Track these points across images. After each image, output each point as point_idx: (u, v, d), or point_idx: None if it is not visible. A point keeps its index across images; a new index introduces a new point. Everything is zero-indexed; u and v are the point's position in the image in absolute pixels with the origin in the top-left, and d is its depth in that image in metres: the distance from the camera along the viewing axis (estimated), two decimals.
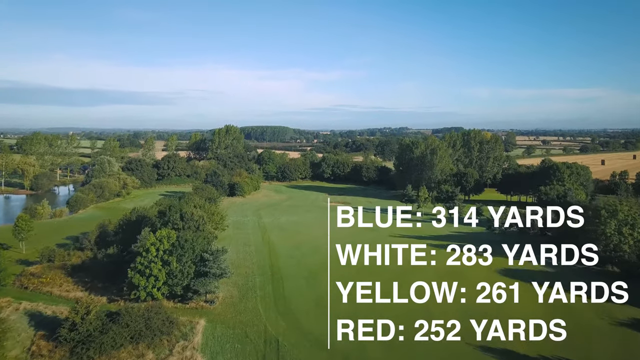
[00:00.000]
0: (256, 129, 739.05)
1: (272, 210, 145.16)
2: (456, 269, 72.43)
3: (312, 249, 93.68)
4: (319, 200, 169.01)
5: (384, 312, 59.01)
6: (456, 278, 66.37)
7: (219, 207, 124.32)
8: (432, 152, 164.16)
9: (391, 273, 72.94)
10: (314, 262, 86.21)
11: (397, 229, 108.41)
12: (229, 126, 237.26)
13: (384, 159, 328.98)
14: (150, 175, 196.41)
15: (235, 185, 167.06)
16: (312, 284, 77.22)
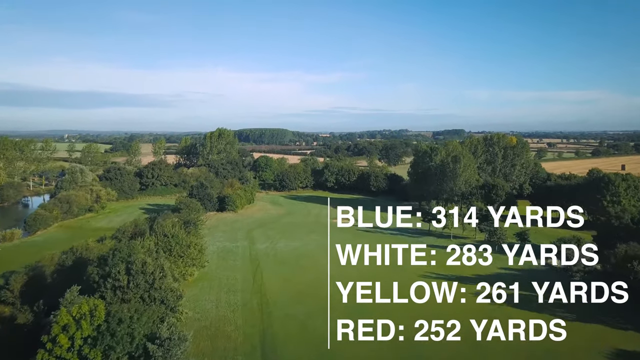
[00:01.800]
0: (254, 132, 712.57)
1: (268, 231, 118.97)
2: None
3: (320, 302, 67.27)
4: (322, 216, 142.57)
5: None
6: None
7: (200, 231, 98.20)
8: (455, 159, 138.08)
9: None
10: (325, 328, 60.03)
11: (428, 267, 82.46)
12: (222, 129, 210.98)
13: (388, 164, 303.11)
14: (131, 185, 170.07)
15: (225, 198, 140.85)
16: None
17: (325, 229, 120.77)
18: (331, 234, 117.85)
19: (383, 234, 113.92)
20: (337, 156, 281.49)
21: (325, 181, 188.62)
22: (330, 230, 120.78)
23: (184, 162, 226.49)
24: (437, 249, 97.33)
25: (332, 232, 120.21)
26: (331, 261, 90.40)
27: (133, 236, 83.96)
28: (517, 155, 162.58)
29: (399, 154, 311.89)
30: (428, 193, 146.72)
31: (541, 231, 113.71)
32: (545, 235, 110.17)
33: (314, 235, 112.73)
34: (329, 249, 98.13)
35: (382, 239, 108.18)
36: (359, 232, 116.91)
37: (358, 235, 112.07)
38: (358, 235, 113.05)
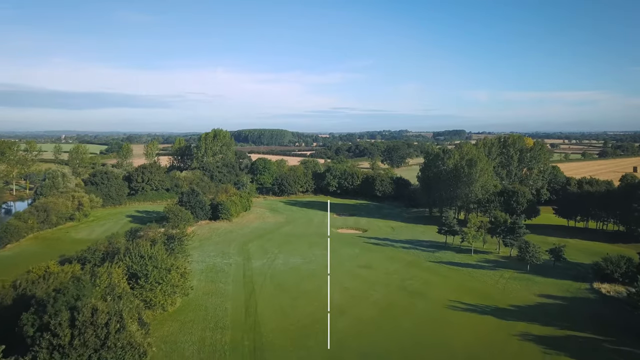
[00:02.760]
0: (253, 132, 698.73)
1: (265, 243, 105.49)
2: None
3: (327, 344, 53.45)
4: (325, 225, 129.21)
5: None
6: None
7: (187, 246, 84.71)
8: (470, 163, 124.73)
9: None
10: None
11: (453, 293, 68.95)
12: (218, 130, 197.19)
13: (391, 166, 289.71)
14: (119, 190, 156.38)
15: (219, 206, 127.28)
16: None
17: (331, 240, 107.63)
18: (336, 247, 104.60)
19: (395, 248, 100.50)
20: (339, 158, 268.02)
21: (327, 185, 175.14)
22: (334, 241, 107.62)
23: (177, 164, 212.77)
24: (458, 269, 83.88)
25: (337, 244, 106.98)
26: (337, 285, 77.04)
27: (105, 257, 70.56)
28: (534, 159, 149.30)
29: (402, 156, 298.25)
30: (440, 199, 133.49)
31: (573, 245, 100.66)
32: (580, 251, 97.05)
33: (316, 249, 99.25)
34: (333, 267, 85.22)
35: (394, 254, 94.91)
36: (368, 244, 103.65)
37: (366, 250, 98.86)
38: (366, 249, 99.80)
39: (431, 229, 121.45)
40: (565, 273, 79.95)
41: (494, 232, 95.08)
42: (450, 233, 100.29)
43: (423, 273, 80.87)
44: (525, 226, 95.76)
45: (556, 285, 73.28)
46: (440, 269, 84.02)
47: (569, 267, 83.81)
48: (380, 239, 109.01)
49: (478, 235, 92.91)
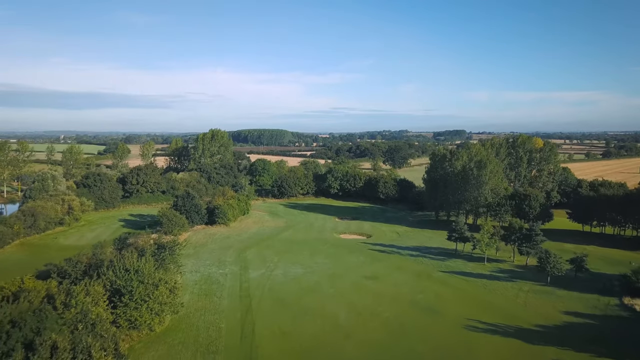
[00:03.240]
0: (253, 132, 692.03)
1: (263, 250, 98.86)
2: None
3: None
4: (327, 229, 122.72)
5: None
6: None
7: (179, 256, 78.09)
8: (479, 165, 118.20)
9: None
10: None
11: (469, 310, 62.29)
12: (216, 130, 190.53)
13: (393, 166, 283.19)
14: (112, 192, 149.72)
15: (215, 210, 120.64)
16: None
17: (332, 248, 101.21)
18: (339, 255, 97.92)
19: (401, 255, 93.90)
20: (339, 158, 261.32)
21: (328, 187, 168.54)
22: (337, 247, 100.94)
23: (174, 165, 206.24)
24: (472, 280, 77.29)
25: (340, 251, 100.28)
26: (342, 300, 70.21)
27: (88, 269, 64.01)
28: (544, 160, 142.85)
29: (404, 156, 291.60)
30: (447, 203, 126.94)
31: (591, 252, 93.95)
32: (601, 259, 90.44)
33: (319, 257, 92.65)
34: (337, 278, 78.56)
35: (402, 263, 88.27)
36: (373, 252, 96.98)
37: (372, 257, 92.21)
38: (372, 256, 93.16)
39: (439, 234, 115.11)
40: (589, 286, 73.33)
41: (508, 240, 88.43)
42: (461, 240, 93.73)
43: (434, 285, 74.29)
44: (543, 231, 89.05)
45: (582, 300, 66.72)
46: (453, 280, 77.40)
47: (592, 278, 77.19)
48: (385, 246, 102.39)
49: (492, 242, 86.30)
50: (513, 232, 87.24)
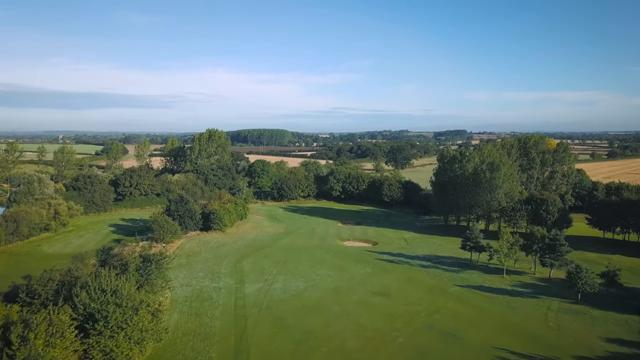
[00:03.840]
0: (253, 132, 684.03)
1: (262, 260, 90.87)
2: None
3: None
4: (330, 235, 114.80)
5: None
6: None
7: (167, 271, 70.10)
8: (492, 167, 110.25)
9: None
10: None
11: (495, 336, 54.26)
12: (213, 130, 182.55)
13: (396, 167, 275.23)
14: (104, 195, 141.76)
15: (211, 215, 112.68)
16: None
17: (336, 257, 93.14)
18: (344, 265, 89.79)
19: (411, 266, 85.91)
20: (340, 159, 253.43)
21: (330, 190, 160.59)
22: (341, 256, 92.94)
23: (171, 166, 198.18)
24: (493, 297, 69.33)
25: (345, 261, 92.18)
26: (349, 321, 62.04)
27: (60, 289, 56.04)
28: (558, 161, 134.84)
29: (406, 157, 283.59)
30: (457, 207, 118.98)
31: (617, 263, 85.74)
32: (630, 271, 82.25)
33: (321, 268, 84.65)
34: (343, 293, 70.61)
35: (413, 275, 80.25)
36: (380, 262, 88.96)
37: (379, 268, 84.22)
38: (379, 267, 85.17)
39: (449, 241, 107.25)
40: (625, 304, 65.37)
41: (529, 250, 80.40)
42: (476, 249, 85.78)
43: (451, 303, 66.32)
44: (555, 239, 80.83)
45: (621, 323, 58.73)
46: (471, 296, 69.42)
47: (626, 294, 69.32)
48: (393, 255, 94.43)
49: (511, 253, 78.33)
50: (535, 242, 79.22)
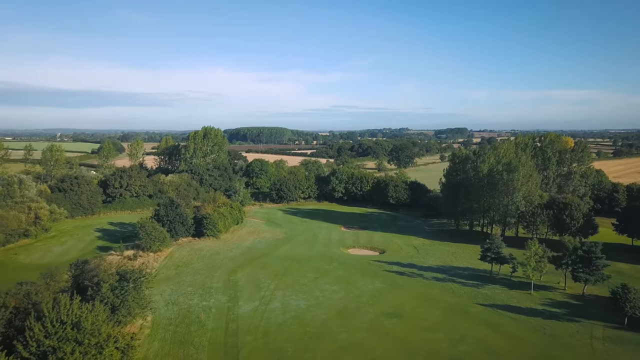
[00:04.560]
0: (252, 130, 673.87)
1: (258, 272, 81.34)
2: None
3: None
4: (333, 242, 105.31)
5: None
6: None
7: (149, 289, 60.66)
8: (509, 168, 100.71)
9: None
10: None
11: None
12: (209, 128, 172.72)
13: (398, 166, 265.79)
14: (92, 197, 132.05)
15: (203, 220, 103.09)
16: None
17: (340, 268, 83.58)
18: (350, 278, 79.77)
19: (425, 279, 76.37)
20: (341, 158, 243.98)
21: (332, 191, 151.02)
22: (346, 267, 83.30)
23: (165, 166, 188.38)
24: (524, 320, 59.74)
25: (351, 274, 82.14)
26: (360, 353, 52.39)
27: (14, 317, 46.49)
28: (576, 161, 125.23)
29: (409, 155, 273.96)
30: (470, 211, 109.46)
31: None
32: None
33: (325, 282, 75.13)
34: (350, 315, 61.19)
35: (428, 291, 70.62)
36: (390, 274, 79.39)
37: (389, 282, 74.68)
38: (389, 281, 75.62)
39: (463, 249, 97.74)
40: None
41: (559, 263, 70.84)
42: (498, 261, 76.23)
43: (477, 328, 56.76)
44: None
45: None
46: (498, 319, 59.87)
47: None
48: (404, 265, 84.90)
49: (541, 267, 68.72)
50: (566, 254, 69.62)
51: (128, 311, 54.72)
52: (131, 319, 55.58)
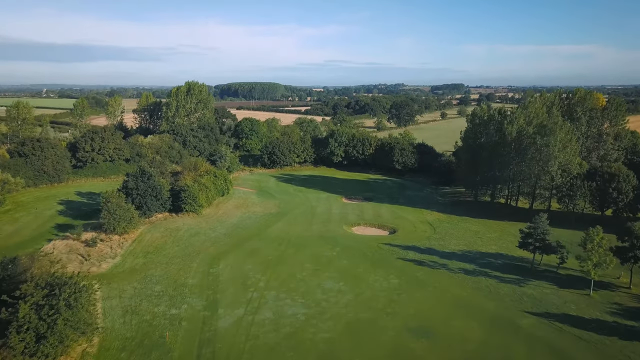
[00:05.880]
0: (244, 86, 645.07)
1: (245, 260, 65.41)
2: None
3: None
4: (334, 218, 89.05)
5: None
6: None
7: (83, 314, 44.25)
8: (543, 131, 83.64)
9: None
10: None
11: None
12: (192, 83, 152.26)
13: (399, 125, 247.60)
14: (58, 163, 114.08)
15: (181, 192, 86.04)
16: None
17: (345, 255, 67.58)
18: (358, 271, 63.52)
19: (451, 272, 60.79)
20: (338, 116, 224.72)
21: (330, 154, 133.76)
22: (351, 253, 67.49)
23: (147, 125, 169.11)
24: (594, 337, 44.47)
25: (359, 265, 66.14)
26: None
27: None
28: (609, 122, 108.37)
29: (410, 113, 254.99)
30: (493, 180, 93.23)
31: None
32: None
33: (327, 276, 59.34)
34: (364, 330, 45.44)
35: (458, 291, 54.76)
36: (406, 264, 63.61)
37: (408, 278, 58.96)
38: (407, 275, 59.88)
39: (488, 227, 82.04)
40: None
41: (624, 256, 55.15)
42: (542, 250, 60.49)
43: (539, 354, 41.42)
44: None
45: None
46: (563, 341, 44.36)
47: None
48: (421, 251, 69.22)
49: (605, 262, 52.87)
50: (636, 245, 53.80)
51: (59, 339, 38.78)
52: (64, 347, 39.74)
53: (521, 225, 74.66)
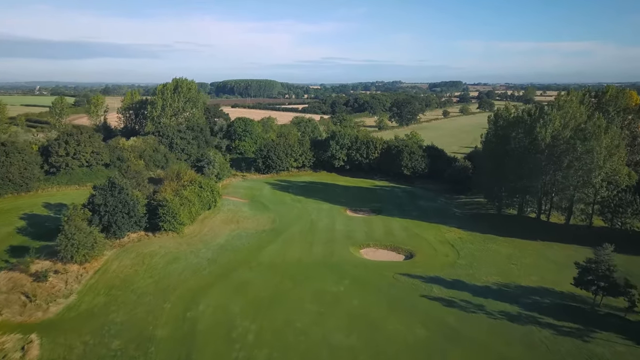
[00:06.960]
0: (240, 83, 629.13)
1: (232, 299, 51.90)
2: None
3: None
4: (338, 236, 75.40)
5: None
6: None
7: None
8: (584, 135, 70.24)
9: None
10: None
11: None
12: (180, 80, 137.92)
13: (400, 124, 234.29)
14: (26, 169, 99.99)
15: (159, 208, 72.17)
16: None
17: (356, 293, 53.82)
18: (374, 315, 47.57)
19: (492, 319, 47.30)
20: (338, 115, 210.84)
21: (331, 158, 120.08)
22: (363, 289, 53.45)
23: (132, 125, 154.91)
24: None
25: (373, 303, 50.28)
26: None
27: None
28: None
29: (413, 111, 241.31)
30: (522, 191, 79.81)
31: None
32: None
33: (335, 326, 45.83)
34: None
35: (504, 349, 41.54)
36: (434, 304, 49.92)
37: (441, 329, 44.86)
38: (440, 324, 45.89)
39: (520, 248, 68.59)
40: None
41: None
42: (608, 292, 47.18)
43: None
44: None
45: None
46: None
47: None
48: (448, 285, 55.74)
49: None
50: None
51: None
52: None
53: (558, 247, 61.30)
